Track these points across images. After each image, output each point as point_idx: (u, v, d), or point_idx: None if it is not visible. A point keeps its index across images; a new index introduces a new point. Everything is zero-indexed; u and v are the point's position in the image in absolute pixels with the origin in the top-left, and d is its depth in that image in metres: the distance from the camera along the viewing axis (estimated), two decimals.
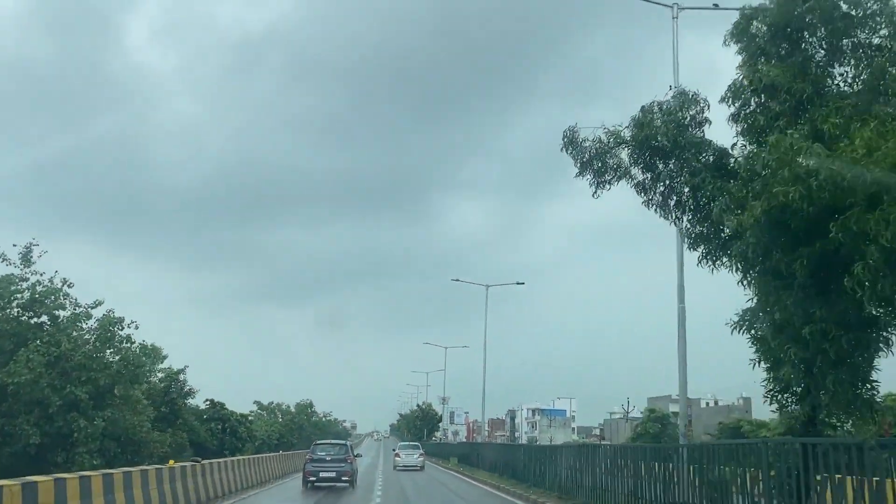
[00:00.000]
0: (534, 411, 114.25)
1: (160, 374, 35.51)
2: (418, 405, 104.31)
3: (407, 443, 53.51)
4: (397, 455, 43.09)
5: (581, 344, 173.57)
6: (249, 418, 50.47)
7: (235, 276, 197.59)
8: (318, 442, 27.75)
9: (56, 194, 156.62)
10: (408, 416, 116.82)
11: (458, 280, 51.83)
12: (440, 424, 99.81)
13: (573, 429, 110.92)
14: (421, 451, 44.60)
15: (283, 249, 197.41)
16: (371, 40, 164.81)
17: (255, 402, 69.23)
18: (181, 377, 35.94)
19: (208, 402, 42.86)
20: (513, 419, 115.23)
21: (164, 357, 35.45)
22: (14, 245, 24.19)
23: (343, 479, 23.60)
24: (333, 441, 30.16)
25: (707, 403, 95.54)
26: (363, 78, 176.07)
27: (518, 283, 50.57)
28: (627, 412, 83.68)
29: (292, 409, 74.82)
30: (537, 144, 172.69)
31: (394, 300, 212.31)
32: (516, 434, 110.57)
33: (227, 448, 41.26)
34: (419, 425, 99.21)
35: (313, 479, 23.27)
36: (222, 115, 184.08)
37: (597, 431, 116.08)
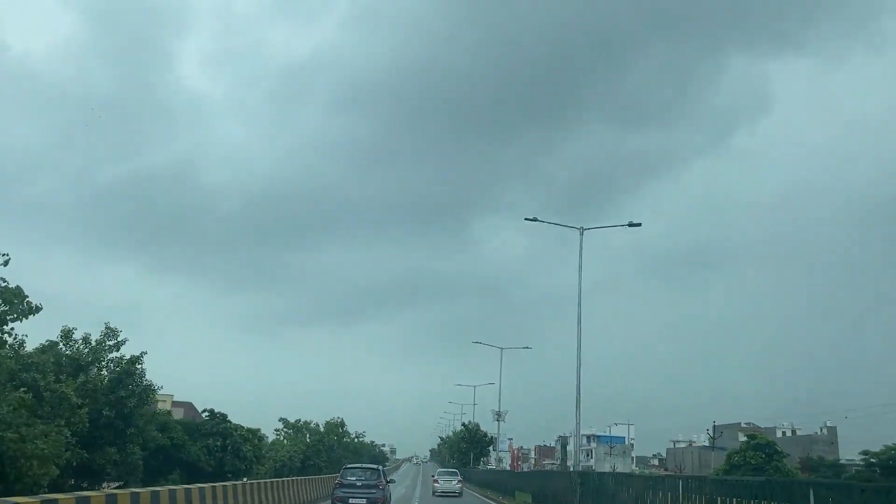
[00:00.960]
0: (589, 438, 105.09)
1: (109, 363, 26.10)
2: (463, 424, 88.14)
3: (445, 469, 54.23)
4: (436, 481, 44.06)
5: (626, 371, 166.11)
6: (260, 434, 42.35)
7: (278, 297, 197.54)
8: (349, 466, 25.68)
9: (109, 219, 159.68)
10: (450, 438, 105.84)
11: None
12: (490, 448, 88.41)
13: (632, 458, 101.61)
14: (459, 478, 44.81)
15: (325, 272, 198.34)
16: (416, 64, 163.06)
17: (281, 420, 63.40)
18: (138, 367, 25.86)
19: (207, 413, 36.41)
20: (564, 446, 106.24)
21: (122, 342, 26.06)
22: None
23: None
24: (365, 465, 27.86)
25: (783, 433, 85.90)
26: (407, 101, 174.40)
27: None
28: (714, 438, 73.94)
29: (321, 429, 67.49)
30: (581, 169, 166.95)
31: (434, 324, 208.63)
32: (568, 462, 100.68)
33: (228, 470, 34.76)
34: (464, 448, 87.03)
35: None
36: (269, 139, 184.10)
37: (655, 461, 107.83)
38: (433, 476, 48.65)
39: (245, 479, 27.93)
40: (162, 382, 27.90)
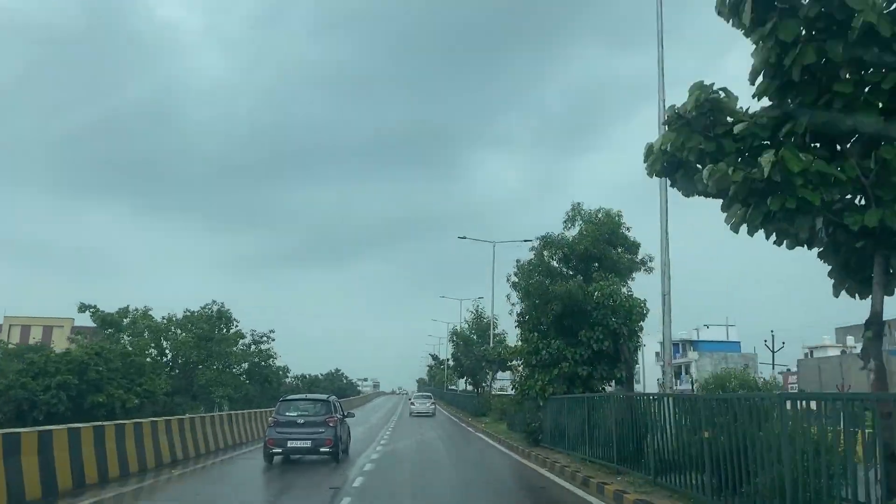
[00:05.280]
0: (680, 345, 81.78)
1: None
2: (454, 334, 56.22)
3: (420, 393, 61.62)
4: (412, 403, 51.65)
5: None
6: None
7: (266, 238, 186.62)
8: (287, 398, 19.09)
9: (90, 160, 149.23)
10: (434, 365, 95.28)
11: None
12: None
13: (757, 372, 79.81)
14: (432, 400, 52.56)
15: (312, 210, 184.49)
16: None
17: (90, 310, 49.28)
18: None
19: None
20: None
21: None
22: None
23: (322, 449, 16.89)
24: (309, 396, 20.47)
25: None
26: (393, 29, 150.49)
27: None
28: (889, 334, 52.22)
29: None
30: (575, 95, 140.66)
31: (425, 260, 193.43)
32: (636, 382, 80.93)
33: None
34: (463, 366, 60.61)
35: (278, 450, 16.93)
36: (250, 71, 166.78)
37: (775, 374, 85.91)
38: (410, 400, 56.24)
39: None
40: None
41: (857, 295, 7.40)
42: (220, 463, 17.85)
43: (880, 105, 6.61)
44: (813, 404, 7.58)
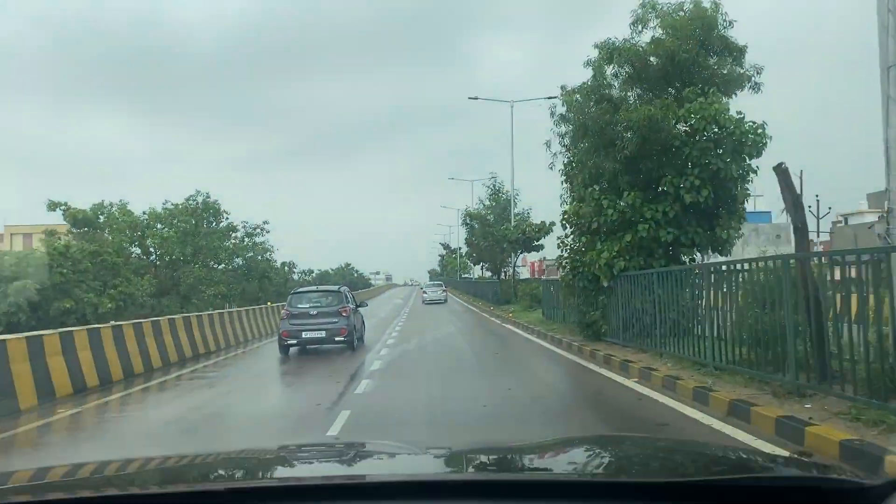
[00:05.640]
0: None
1: None
2: (467, 215, 48.37)
3: (431, 282, 64.75)
4: (424, 292, 54.37)
5: None
6: None
7: (266, 136, 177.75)
8: (298, 290, 19.51)
9: (80, 63, 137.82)
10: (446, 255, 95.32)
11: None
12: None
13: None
14: (444, 288, 56.15)
15: (315, 106, 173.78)
16: None
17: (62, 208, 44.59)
18: None
19: None
20: None
21: None
22: None
23: (336, 339, 17.04)
24: (321, 288, 21.32)
25: None
26: None
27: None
28: None
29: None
30: None
31: (434, 152, 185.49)
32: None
33: None
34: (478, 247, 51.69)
35: (293, 342, 17.11)
36: None
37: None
38: (422, 289, 58.21)
39: None
40: None
41: None
42: (234, 357, 18.04)
43: None
44: None
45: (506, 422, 7.95)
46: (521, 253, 37.03)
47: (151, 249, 43.83)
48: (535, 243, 34.51)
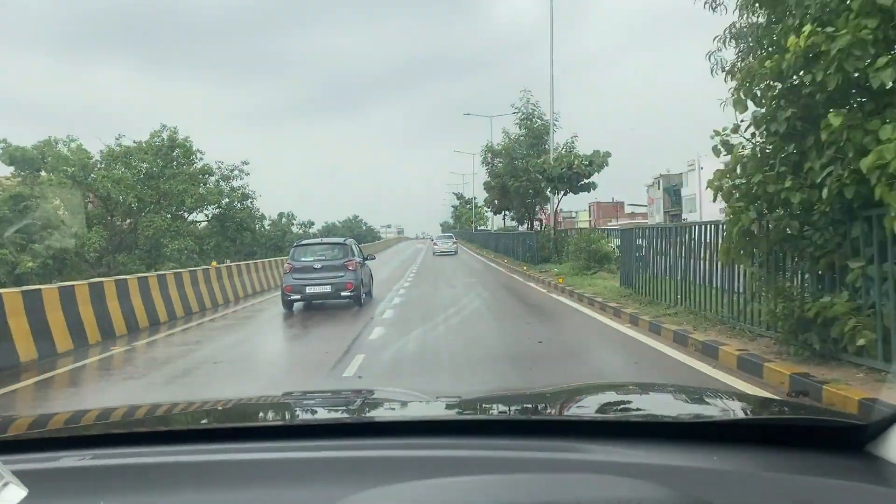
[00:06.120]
0: None
1: None
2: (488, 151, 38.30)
3: (442, 235, 65.21)
4: (434, 244, 55.85)
5: None
6: None
7: (279, 88, 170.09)
8: (301, 243, 18.57)
9: (84, 15, 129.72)
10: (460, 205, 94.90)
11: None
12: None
13: None
14: (454, 240, 55.76)
15: (325, 57, 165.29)
16: None
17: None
18: None
19: None
20: (674, 191, 69.76)
21: None
22: None
23: (343, 293, 16.14)
24: (325, 240, 19.62)
25: None
26: None
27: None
28: None
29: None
30: None
31: (446, 104, 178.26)
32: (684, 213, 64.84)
33: None
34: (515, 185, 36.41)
35: (297, 297, 16.26)
36: None
37: None
38: (433, 241, 62.04)
39: None
40: None
41: None
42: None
43: None
44: None
45: None
46: (564, 194, 28.23)
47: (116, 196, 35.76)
48: (585, 181, 25.99)
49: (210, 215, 38.94)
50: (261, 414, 2.21)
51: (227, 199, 38.42)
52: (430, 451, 1.45)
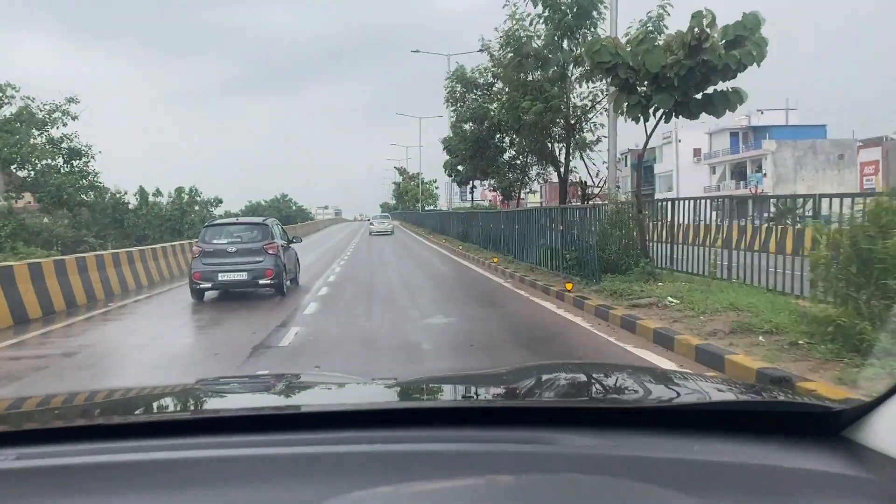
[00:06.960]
0: (743, 133, 62.41)
1: None
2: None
3: (379, 215, 65.45)
4: (371, 224, 56.39)
5: None
6: None
7: (213, 66, 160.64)
8: (214, 223, 16.93)
9: None
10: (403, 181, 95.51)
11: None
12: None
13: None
14: (391, 220, 59.30)
15: (262, 34, 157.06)
16: None
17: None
18: None
19: None
20: (638, 165, 59.46)
21: None
22: None
23: (261, 282, 14.57)
24: (241, 220, 17.91)
25: None
26: None
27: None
28: None
29: None
30: None
31: (384, 85, 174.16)
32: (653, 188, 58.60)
33: None
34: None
35: (207, 285, 14.56)
36: None
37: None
38: (369, 221, 62.02)
39: None
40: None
41: None
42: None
43: None
44: None
45: None
46: (663, 115, 12.54)
47: None
48: (721, 86, 11.99)
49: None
50: (169, 406, 1.98)
51: (46, 160, 28.13)
52: (384, 445, 1.36)
